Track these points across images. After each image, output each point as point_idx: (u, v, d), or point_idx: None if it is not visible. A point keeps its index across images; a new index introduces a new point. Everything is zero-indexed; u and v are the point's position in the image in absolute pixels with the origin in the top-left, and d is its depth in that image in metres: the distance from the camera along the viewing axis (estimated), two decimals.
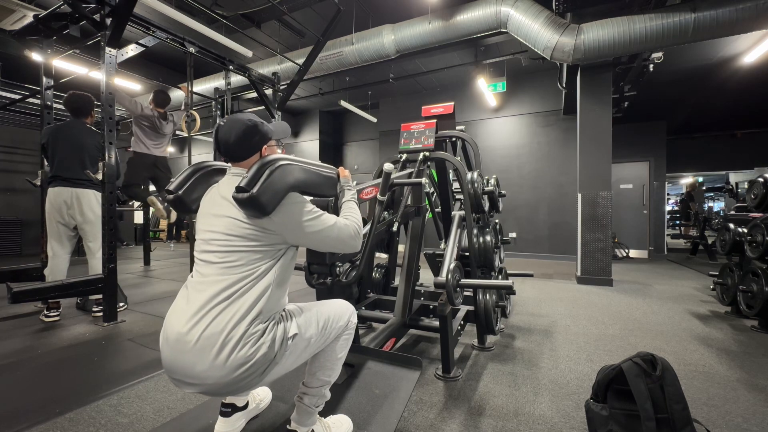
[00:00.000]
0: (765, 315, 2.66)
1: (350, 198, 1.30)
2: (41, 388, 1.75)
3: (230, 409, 1.22)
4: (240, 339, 0.93)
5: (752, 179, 3.01)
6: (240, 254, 0.99)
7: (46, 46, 3.24)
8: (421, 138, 2.44)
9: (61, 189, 2.77)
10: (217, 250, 1.01)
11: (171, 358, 0.96)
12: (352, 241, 1.14)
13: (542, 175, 6.76)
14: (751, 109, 7.61)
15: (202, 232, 1.07)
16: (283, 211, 1.01)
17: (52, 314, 2.73)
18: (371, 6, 5.01)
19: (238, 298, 0.96)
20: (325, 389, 1.19)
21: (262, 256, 1.01)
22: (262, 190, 0.94)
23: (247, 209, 0.98)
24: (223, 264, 0.99)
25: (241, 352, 0.93)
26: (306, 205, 1.05)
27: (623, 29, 3.63)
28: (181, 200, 1.14)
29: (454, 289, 1.86)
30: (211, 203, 1.09)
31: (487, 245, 2.34)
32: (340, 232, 1.10)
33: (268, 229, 1.01)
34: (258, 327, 0.97)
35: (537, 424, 1.49)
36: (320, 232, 1.06)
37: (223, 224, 1.01)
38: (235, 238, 1.00)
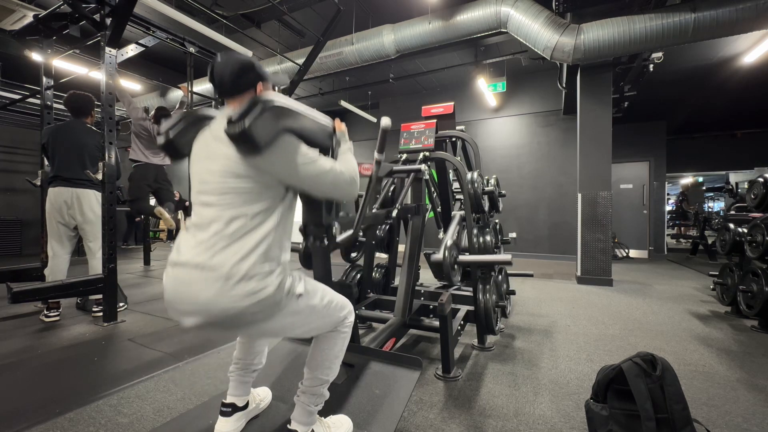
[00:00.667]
0: (765, 315, 2.66)
1: (346, 149, 1.27)
2: (41, 388, 1.75)
3: (230, 409, 1.22)
4: (246, 273, 0.93)
5: (752, 179, 3.01)
6: (237, 195, 0.98)
7: (46, 46, 3.24)
8: (421, 138, 2.44)
9: (62, 189, 2.77)
10: (213, 192, 1.00)
11: (175, 288, 0.97)
12: (349, 187, 1.13)
13: (542, 175, 6.76)
14: (751, 109, 7.62)
15: (197, 175, 1.05)
16: (277, 150, 0.97)
17: (52, 314, 2.73)
18: (371, 6, 5.01)
19: (242, 238, 0.96)
20: (324, 388, 1.18)
21: (259, 197, 0.99)
22: (253, 124, 0.90)
23: (239, 145, 0.94)
24: (221, 206, 0.98)
25: (249, 285, 0.93)
26: (301, 147, 1.03)
27: (623, 29, 3.63)
28: (171, 143, 1.11)
29: (451, 267, 1.85)
30: (204, 145, 1.07)
31: (487, 245, 2.34)
32: (336, 177, 1.09)
33: (262, 168, 0.98)
34: (264, 266, 0.97)
35: (537, 424, 1.49)
36: (316, 176, 1.04)
37: (218, 165, 1.00)
38: (231, 178, 0.98)
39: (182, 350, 2.20)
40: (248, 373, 1.27)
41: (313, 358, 1.18)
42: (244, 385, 1.26)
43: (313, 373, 1.17)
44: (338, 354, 1.21)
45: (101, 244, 2.74)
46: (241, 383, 1.25)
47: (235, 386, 1.25)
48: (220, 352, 2.20)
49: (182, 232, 1.04)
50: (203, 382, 1.82)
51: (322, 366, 1.17)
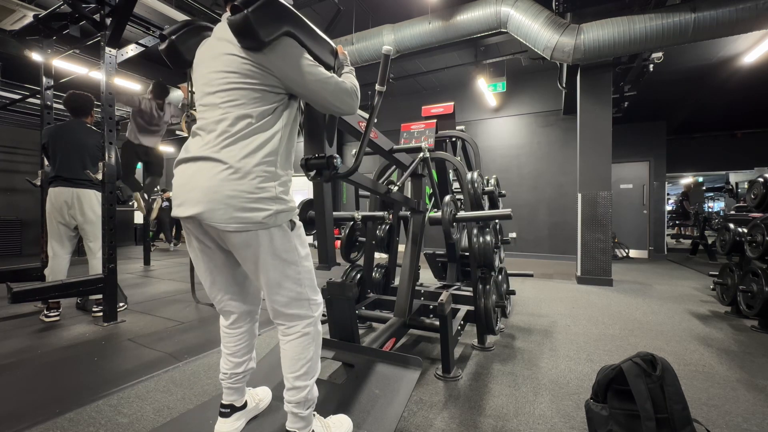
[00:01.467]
0: (765, 315, 2.66)
1: (347, 71, 1.27)
2: (41, 388, 1.75)
3: (230, 409, 1.22)
4: (252, 169, 0.97)
5: (752, 179, 3.01)
6: (240, 92, 0.99)
7: (46, 46, 3.24)
8: (421, 138, 2.44)
9: (62, 189, 2.78)
10: (217, 90, 1.01)
11: (181, 178, 1.02)
12: (349, 99, 1.12)
13: (542, 175, 6.76)
14: (751, 109, 7.61)
15: (201, 77, 1.06)
16: (280, 50, 0.99)
17: (52, 314, 2.73)
18: (371, 6, 5.01)
19: (248, 137, 0.99)
20: (307, 393, 1.11)
21: (263, 97, 1.01)
22: (255, 12, 0.90)
23: (241, 34, 0.94)
24: (225, 103, 1.00)
25: (253, 181, 0.97)
26: (304, 53, 1.03)
27: (623, 29, 3.63)
28: (174, 46, 1.11)
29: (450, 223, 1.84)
30: (208, 48, 1.08)
31: (487, 245, 2.34)
32: (337, 86, 1.08)
33: (264, 66, 0.99)
34: (270, 169, 1.00)
35: (537, 424, 1.49)
36: (317, 81, 1.04)
37: (222, 62, 1.01)
38: (233, 75, 0.99)
39: (182, 350, 2.20)
40: (239, 380, 1.24)
41: (286, 367, 1.12)
42: (237, 389, 1.24)
43: (291, 382, 1.11)
44: (312, 357, 1.13)
45: (101, 244, 2.74)
46: (234, 388, 1.24)
47: (229, 393, 1.23)
48: (220, 352, 2.19)
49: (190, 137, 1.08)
50: (203, 382, 1.82)
51: (297, 373, 1.11)
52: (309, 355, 1.12)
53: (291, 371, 1.11)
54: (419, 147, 2.13)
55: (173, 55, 1.13)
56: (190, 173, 1.00)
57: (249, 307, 1.25)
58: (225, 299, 1.20)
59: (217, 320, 2.77)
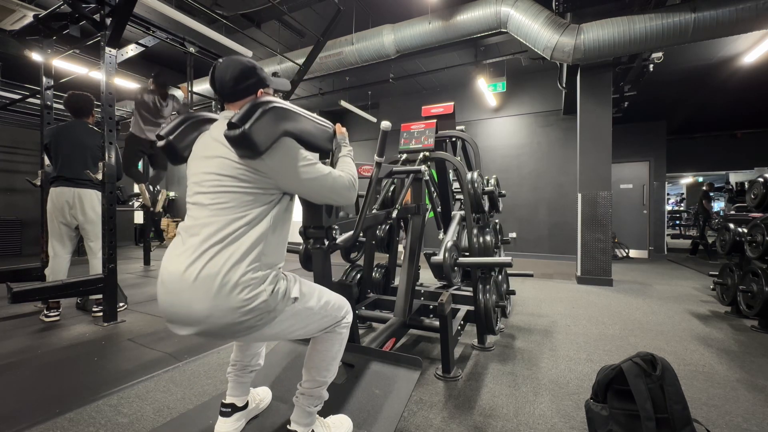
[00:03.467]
0: (765, 315, 2.66)
1: (346, 153, 1.27)
2: (41, 388, 1.75)
3: (230, 409, 1.22)
4: (238, 281, 0.92)
5: (752, 179, 3.01)
6: (232, 195, 0.97)
7: (46, 46, 3.24)
8: (421, 138, 2.44)
9: (63, 189, 2.78)
10: (209, 191, 0.99)
11: (168, 299, 0.95)
12: (347, 192, 1.13)
13: (542, 175, 6.76)
14: (751, 109, 7.61)
15: (193, 175, 1.05)
16: (276, 154, 0.98)
17: (52, 314, 2.73)
18: (371, 6, 5.00)
19: (234, 242, 0.94)
20: (323, 390, 1.18)
21: (255, 200, 0.98)
22: (253, 127, 0.91)
23: (239, 147, 0.94)
24: (215, 206, 0.97)
25: (241, 294, 0.92)
26: (301, 152, 1.02)
27: (623, 29, 3.63)
28: (171, 146, 1.11)
29: (451, 268, 1.85)
30: (203, 147, 1.07)
31: (487, 245, 2.34)
32: (335, 182, 1.09)
33: (260, 171, 0.98)
34: (257, 273, 0.95)
35: (537, 424, 1.49)
36: (315, 180, 1.04)
37: (215, 164, 0.99)
38: (226, 178, 0.97)
39: (182, 350, 2.20)
40: (246, 374, 1.27)
41: (310, 360, 1.17)
42: (242, 385, 1.26)
43: (312, 375, 1.16)
44: (336, 355, 1.20)
45: (100, 245, 2.74)
46: (240, 384, 1.25)
47: (233, 387, 1.25)
48: (219, 352, 2.20)
49: (176, 237, 1.03)
50: (203, 382, 1.82)
51: (320, 368, 1.16)
52: (335, 353, 1.19)
53: (316, 364, 1.16)
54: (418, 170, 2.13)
55: (171, 153, 1.13)
56: (177, 296, 0.94)
57: None
58: None
59: None
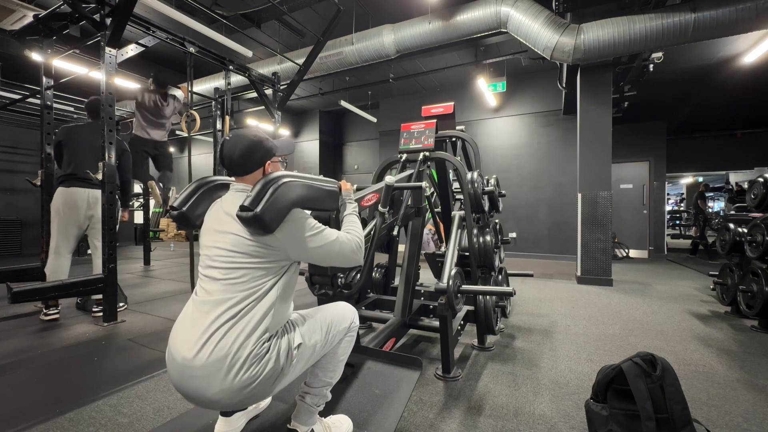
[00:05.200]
0: (765, 315, 2.66)
1: (351, 211, 1.31)
2: (41, 388, 1.75)
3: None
4: (246, 359, 0.94)
5: (752, 179, 3.01)
6: (244, 271, 1.00)
7: (46, 46, 3.24)
8: (421, 138, 2.44)
9: (77, 189, 2.76)
10: (221, 266, 1.02)
11: (180, 381, 0.97)
12: (354, 255, 1.16)
13: (542, 175, 6.76)
14: (751, 109, 7.61)
15: (206, 248, 1.07)
16: (286, 228, 1.02)
17: (51, 312, 2.72)
18: (371, 6, 5.00)
19: (243, 317, 0.97)
20: (327, 389, 1.20)
21: (266, 273, 1.02)
22: (266, 209, 0.95)
23: (252, 227, 0.98)
24: (227, 281, 1.00)
25: (249, 372, 0.94)
26: (308, 221, 1.07)
27: (623, 29, 3.63)
28: (185, 216, 1.15)
29: (455, 295, 1.86)
30: (215, 219, 1.09)
31: (487, 245, 2.35)
32: (342, 247, 1.12)
33: (271, 245, 1.02)
34: (264, 345, 0.98)
35: (537, 424, 1.49)
36: (322, 248, 1.08)
37: (227, 240, 1.03)
38: (239, 255, 1.01)
39: None
40: None
41: (319, 361, 1.19)
42: None
43: (318, 376, 1.18)
44: (342, 357, 1.22)
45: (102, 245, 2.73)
46: None
47: None
48: None
49: (186, 308, 1.05)
50: None
51: (326, 368, 1.18)
52: (341, 355, 1.21)
53: (323, 366, 1.18)
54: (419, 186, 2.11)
55: (184, 221, 1.17)
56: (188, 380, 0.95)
57: None
58: None
59: None
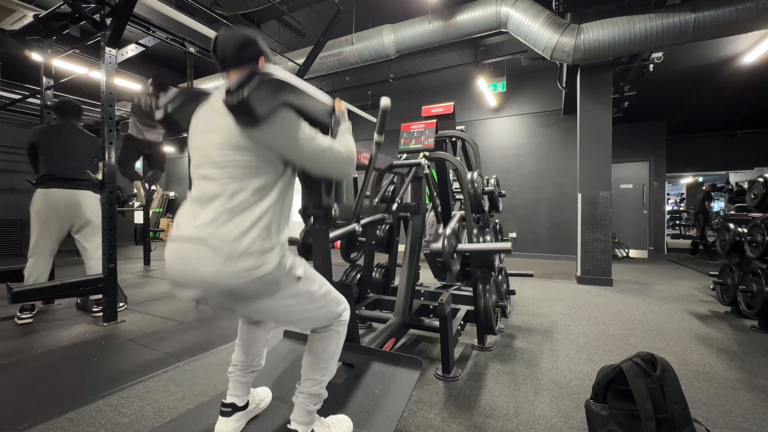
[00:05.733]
0: (765, 315, 2.66)
1: (345, 129, 1.27)
2: (41, 388, 1.75)
3: (230, 408, 1.22)
4: (248, 248, 0.95)
5: (752, 179, 3.01)
6: (237, 168, 0.99)
7: (46, 46, 3.24)
8: (421, 138, 2.44)
9: (58, 190, 2.70)
10: (213, 164, 1.01)
11: (176, 259, 0.99)
12: (345, 166, 1.14)
13: (542, 175, 6.76)
14: (751, 109, 7.62)
15: (196, 149, 1.06)
16: (276, 124, 0.98)
17: (24, 316, 2.67)
18: (371, 6, 5.01)
19: (243, 212, 0.97)
20: (321, 388, 1.18)
21: (258, 170, 1.00)
22: (251, 94, 0.90)
23: (238, 115, 0.94)
24: (222, 179, 0.99)
25: (249, 261, 0.94)
26: (301, 123, 1.03)
27: (623, 29, 3.63)
28: (170, 117, 1.12)
29: (451, 255, 1.85)
30: (203, 119, 1.08)
31: None
32: (334, 155, 1.10)
33: (261, 142, 0.99)
34: (265, 243, 0.98)
35: (537, 424, 1.49)
36: (315, 151, 1.05)
37: (218, 137, 1.00)
38: (229, 149, 0.99)
39: (182, 350, 2.20)
40: (247, 374, 1.27)
41: (309, 360, 1.18)
42: (243, 385, 1.26)
43: (311, 375, 1.17)
44: (334, 354, 1.20)
45: (100, 245, 2.72)
46: (241, 383, 1.26)
47: (234, 386, 1.25)
48: (220, 352, 2.20)
49: (184, 206, 1.06)
50: (203, 382, 1.82)
51: (318, 367, 1.17)
52: (332, 352, 1.19)
53: (314, 364, 1.17)
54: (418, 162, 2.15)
55: (170, 124, 1.15)
56: (186, 257, 0.97)
57: None
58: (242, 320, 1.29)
59: (217, 320, 2.78)
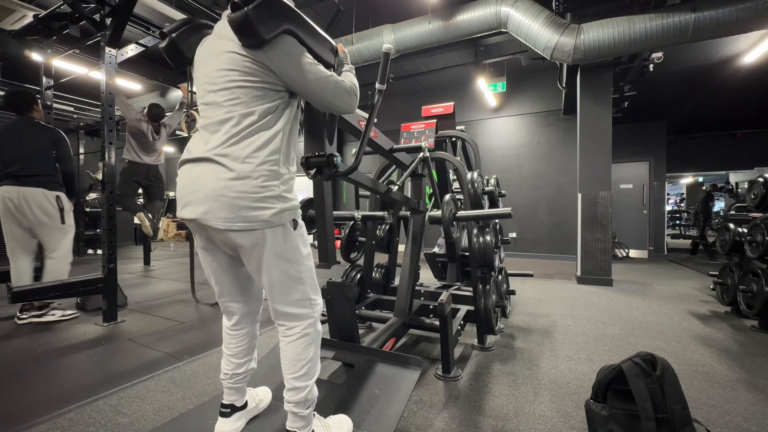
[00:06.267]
0: (765, 315, 2.66)
1: (348, 69, 1.27)
2: (41, 388, 1.75)
3: (230, 409, 1.22)
4: (256, 168, 0.98)
5: (752, 179, 3.01)
6: (243, 90, 1.00)
7: (46, 46, 3.25)
8: (421, 138, 2.44)
9: (10, 188, 2.55)
10: (220, 89, 1.02)
11: (188, 176, 1.02)
12: (348, 98, 1.13)
13: (542, 175, 6.76)
14: (751, 109, 7.62)
15: (203, 76, 1.07)
16: (280, 47, 0.99)
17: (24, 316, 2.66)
18: (371, 6, 5.01)
19: (251, 135, 1.00)
20: (307, 394, 1.12)
21: (263, 95, 1.02)
22: (256, 9, 0.91)
23: (241, 32, 0.95)
24: (228, 102, 1.01)
25: (256, 181, 0.98)
26: (304, 51, 1.04)
27: (623, 29, 3.63)
28: (174, 44, 1.12)
29: (450, 222, 1.85)
30: (208, 47, 1.08)
31: (487, 245, 2.34)
32: (336, 85, 1.09)
33: (265, 64, 1.00)
34: (274, 168, 1.01)
35: (537, 424, 1.49)
36: (317, 80, 1.05)
37: (223, 60, 1.02)
38: (234, 72, 1.00)
39: (182, 350, 2.20)
40: (240, 381, 1.24)
41: (286, 367, 1.12)
42: (238, 389, 1.24)
43: (292, 383, 1.11)
44: (311, 358, 1.14)
45: (60, 244, 2.67)
46: (235, 388, 1.24)
47: (229, 393, 1.24)
48: (220, 352, 2.19)
49: (194, 136, 1.08)
50: (203, 382, 1.82)
51: (297, 374, 1.11)
52: (309, 356, 1.13)
53: (291, 372, 1.12)
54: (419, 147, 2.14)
55: (174, 52, 1.14)
56: (195, 175, 1.01)
57: (251, 308, 1.26)
58: (227, 300, 1.22)
59: (217, 320, 2.78)
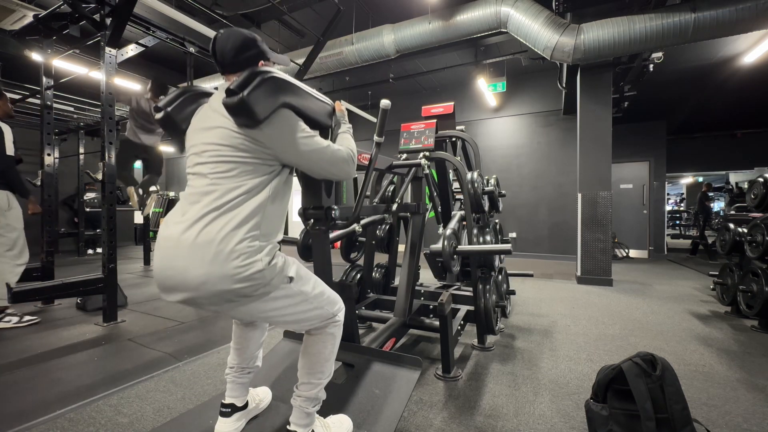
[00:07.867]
0: (765, 315, 2.66)
1: (345, 130, 1.27)
2: (41, 388, 1.75)
3: (230, 409, 1.22)
4: (235, 248, 0.92)
5: (752, 179, 3.01)
6: (232, 165, 0.98)
7: (46, 46, 3.24)
8: (421, 138, 2.44)
9: None
10: (208, 161, 0.99)
11: (163, 263, 0.96)
12: (346, 166, 1.13)
13: (542, 175, 6.76)
14: (751, 109, 7.62)
15: (193, 147, 1.05)
16: (275, 124, 0.98)
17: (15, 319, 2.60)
18: (371, 6, 5.00)
19: (232, 209, 0.95)
20: (318, 391, 1.16)
21: (254, 170, 0.99)
22: (251, 94, 0.91)
23: (237, 115, 0.95)
24: (214, 174, 0.98)
25: (236, 261, 0.92)
26: (300, 124, 1.03)
27: (623, 29, 3.63)
28: (169, 117, 1.11)
29: (451, 256, 1.86)
30: (202, 118, 1.07)
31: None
32: (333, 155, 1.09)
33: (259, 141, 0.98)
34: (254, 243, 0.96)
35: (537, 424, 1.49)
36: (313, 152, 1.04)
37: (214, 134, 1.00)
38: (226, 148, 0.98)
39: (182, 350, 2.20)
40: (244, 375, 1.27)
41: (304, 363, 1.17)
42: (241, 386, 1.26)
43: (307, 378, 1.15)
44: (329, 356, 1.18)
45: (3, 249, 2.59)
46: (238, 385, 1.25)
47: (232, 388, 1.25)
48: (219, 352, 2.20)
49: (177, 205, 1.05)
50: (203, 382, 1.82)
51: (314, 370, 1.15)
52: (328, 355, 1.17)
53: (309, 367, 1.15)
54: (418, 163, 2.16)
55: (169, 125, 1.13)
56: (172, 258, 0.95)
57: None
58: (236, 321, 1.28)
59: (218, 320, 2.78)
